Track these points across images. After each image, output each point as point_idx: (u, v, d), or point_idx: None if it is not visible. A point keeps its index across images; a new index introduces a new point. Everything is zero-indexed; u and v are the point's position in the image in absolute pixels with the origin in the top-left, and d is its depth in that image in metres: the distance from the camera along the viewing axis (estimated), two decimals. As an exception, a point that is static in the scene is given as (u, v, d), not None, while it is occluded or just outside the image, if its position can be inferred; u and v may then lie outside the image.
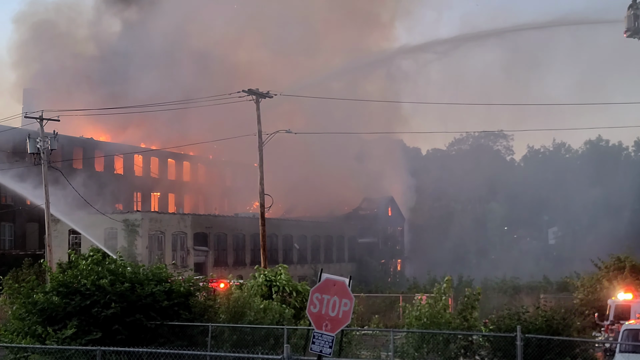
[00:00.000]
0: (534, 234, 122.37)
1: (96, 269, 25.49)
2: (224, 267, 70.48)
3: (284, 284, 30.20)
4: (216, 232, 74.38)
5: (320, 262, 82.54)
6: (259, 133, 44.13)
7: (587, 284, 40.66)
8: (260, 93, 43.75)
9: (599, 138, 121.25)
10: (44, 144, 46.35)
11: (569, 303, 39.55)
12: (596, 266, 43.11)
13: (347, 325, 17.83)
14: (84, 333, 23.75)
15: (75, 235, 64.67)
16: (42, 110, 47.76)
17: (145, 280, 25.34)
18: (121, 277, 25.12)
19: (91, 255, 26.88)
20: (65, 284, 24.92)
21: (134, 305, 24.51)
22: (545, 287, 53.52)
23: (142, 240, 64.00)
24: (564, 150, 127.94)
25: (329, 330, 16.69)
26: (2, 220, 70.08)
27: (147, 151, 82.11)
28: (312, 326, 17.18)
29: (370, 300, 48.55)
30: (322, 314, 16.71)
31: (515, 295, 49.32)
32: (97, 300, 24.30)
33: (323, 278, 17.31)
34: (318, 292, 16.92)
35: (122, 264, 26.35)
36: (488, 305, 41.20)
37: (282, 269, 31.25)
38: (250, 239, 76.15)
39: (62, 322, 24.08)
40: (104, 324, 24.07)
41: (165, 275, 26.12)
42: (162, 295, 24.98)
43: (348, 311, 16.70)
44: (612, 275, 39.22)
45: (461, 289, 38.42)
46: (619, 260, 40.67)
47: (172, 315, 25.06)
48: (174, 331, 24.81)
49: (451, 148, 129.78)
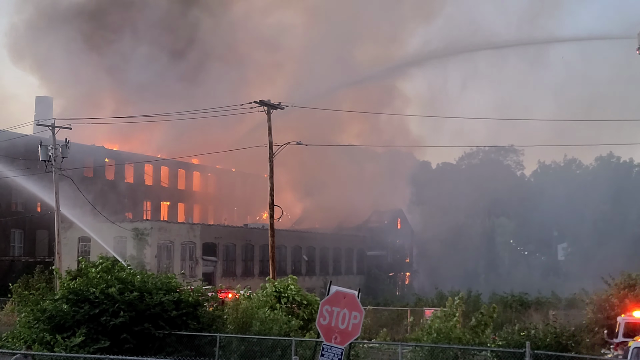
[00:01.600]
0: (543, 249, 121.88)
1: (105, 277, 25.52)
2: (233, 278, 70.44)
3: (294, 295, 30.17)
4: (225, 242, 74.36)
5: (328, 274, 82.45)
6: (269, 144, 44.11)
7: (597, 301, 40.42)
8: (272, 104, 43.76)
9: (610, 154, 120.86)
10: (55, 151, 46.52)
11: (578, 320, 39.32)
12: (606, 283, 42.86)
13: (355, 337, 17.78)
14: (93, 341, 23.78)
15: (85, 243, 64.79)
16: (54, 117, 47.98)
17: (154, 289, 25.34)
18: (130, 286, 25.13)
19: (101, 263, 26.92)
20: (75, 292, 24.95)
21: (142, 315, 24.50)
22: (554, 303, 53.19)
23: (151, 249, 64.05)
24: (574, 166, 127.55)
25: (338, 343, 16.66)
26: (12, 227, 70.22)
27: (157, 160, 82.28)
28: (320, 338, 17.14)
29: (378, 313, 48.41)
30: (332, 326, 16.68)
31: (524, 311, 49.03)
32: (106, 309, 24.31)
33: (332, 290, 17.29)
34: (328, 305, 16.89)
35: (131, 272, 26.37)
36: (496, 321, 40.99)
37: (291, 280, 31.21)
38: (259, 249, 76.10)
39: (71, 330, 24.11)
40: (113, 332, 24.08)
41: (175, 285, 26.12)
42: (170, 304, 24.98)
43: (358, 324, 16.67)
44: (623, 293, 38.97)
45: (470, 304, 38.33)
46: (630, 277, 40.42)
47: (180, 325, 25.04)
48: (182, 341, 24.78)
49: (461, 162, 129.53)
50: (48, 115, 64.78)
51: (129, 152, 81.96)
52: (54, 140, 47.01)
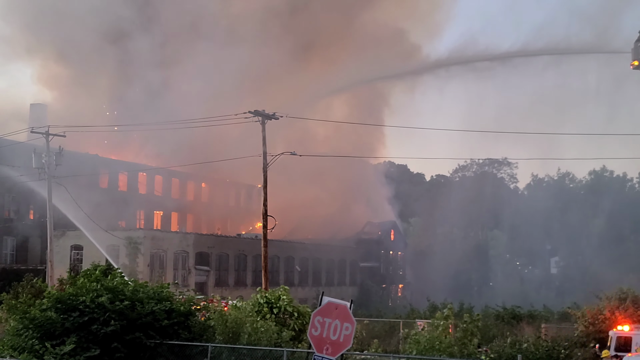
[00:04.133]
0: (536, 262, 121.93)
1: (94, 286, 25.41)
2: (225, 288, 70.28)
3: (285, 305, 30.03)
4: (218, 252, 74.22)
5: (321, 285, 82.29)
6: (264, 154, 44.06)
7: (589, 315, 40.40)
8: (267, 114, 43.73)
9: (604, 169, 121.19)
10: (49, 159, 46.45)
11: (570, 333, 39.30)
12: (598, 297, 42.85)
13: (347, 349, 17.74)
14: (83, 350, 23.69)
15: (77, 252, 64.62)
16: (48, 125, 47.92)
17: (146, 298, 25.28)
18: (121, 295, 25.05)
19: (91, 273, 26.82)
20: (62, 301, 24.86)
21: (133, 324, 24.43)
22: (546, 316, 53.13)
23: (143, 258, 63.89)
24: (568, 180, 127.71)
25: (329, 354, 16.63)
26: (4, 234, 69.95)
27: (151, 169, 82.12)
28: (312, 349, 17.10)
29: (370, 325, 48.28)
30: (324, 337, 16.65)
31: (516, 324, 48.97)
32: (97, 318, 24.23)
33: (324, 301, 17.26)
34: (320, 315, 16.86)
35: (122, 282, 26.28)
36: (489, 334, 40.96)
37: (283, 291, 31.07)
38: (252, 259, 75.98)
39: (60, 338, 24.02)
40: (103, 341, 24.00)
41: (166, 294, 26.05)
42: (162, 314, 24.92)
43: (349, 335, 16.64)
44: (614, 306, 38.95)
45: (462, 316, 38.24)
46: (622, 291, 40.41)
47: (171, 334, 24.98)
48: (173, 350, 24.72)
49: (455, 175, 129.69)
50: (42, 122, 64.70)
51: (123, 161, 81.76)
52: (47, 147, 46.92)
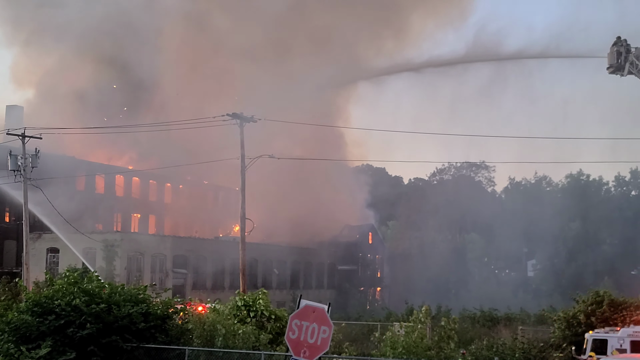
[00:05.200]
0: (513, 266, 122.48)
1: (71, 289, 25.24)
2: (203, 291, 70.02)
3: (262, 309, 29.98)
4: (196, 255, 73.96)
5: (299, 288, 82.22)
6: (242, 157, 44.05)
7: (565, 318, 40.64)
8: (245, 117, 43.74)
9: (580, 172, 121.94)
10: (25, 161, 46.07)
11: (546, 336, 39.54)
12: (574, 300, 43.14)
13: (324, 352, 17.72)
14: (59, 353, 23.54)
15: (54, 254, 64.17)
16: (24, 127, 47.53)
17: (122, 301, 25.14)
18: (97, 298, 24.90)
19: (68, 276, 26.63)
20: (39, 304, 24.69)
21: (110, 327, 24.29)
22: (523, 319, 53.47)
23: (120, 261, 63.53)
24: (545, 184, 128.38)
25: (307, 357, 16.59)
26: (-20, 237, 69.42)
27: (128, 172, 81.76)
28: (289, 352, 17.07)
29: (349, 328, 48.32)
30: (301, 340, 16.61)
31: (493, 326, 49.23)
32: (73, 321, 24.07)
33: (302, 304, 17.22)
34: (297, 319, 16.82)
35: (99, 285, 26.13)
36: (466, 336, 41.12)
37: (261, 294, 31.03)
38: (230, 262, 75.71)
39: (36, 342, 23.84)
40: (79, 344, 23.84)
41: (144, 297, 25.93)
42: (139, 317, 24.79)
43: (327, 338, 16.60)
44: (590, 309, 39.23)
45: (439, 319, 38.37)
46: (597, 294, 40.71)
47: (148, 337, 24.86)
48: (150, 354, 24.61)
49: (433, 178, 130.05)
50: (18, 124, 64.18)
51: (100, 163, 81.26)
52: (23, 150, 46.54)
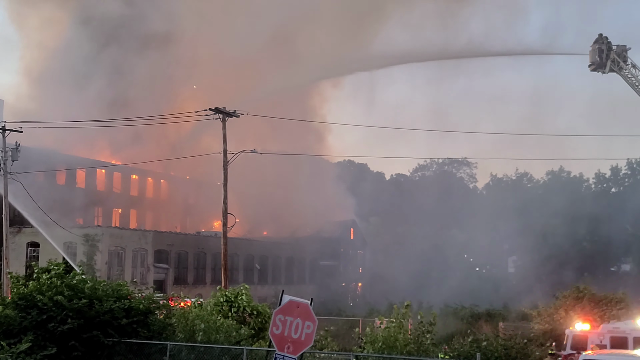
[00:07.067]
0: (494, 262, 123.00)
1: (56, 283, 25.14)
2: (184, 286, 69.80)
3: (245, 305, 29.95)
4: (177, 249, 73.75)
5: (281, 283, 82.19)
6: (224, 152, 43.93)
7: (545, 314, 40.93)
8: (227, 112, 43.61)
9: (561, 169, 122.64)
10: (4, 155, 45.78)
11: (527, 332, 39.78)
12: (554, 296, 43.45)
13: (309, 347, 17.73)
14: (40, 348, 23.41)
15: (34, 249, 63.75)
16: (4, 120, 47.21)
17: (104, 296, 25.04)
18: (80, 293, 24.79)
19: (53, 269, 26.46)
20: (25, 297, 24.60)
21: (91, 322, 24.19)
22: (504, 315, 53.77)
23: (101, 256, 63.26)
24: (526, 180, 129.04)
25: (291, 353, 16.61)
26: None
27: (110, 166, 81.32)
28: (272, 347, 17.08)
29: (331, 323, 48.35)
30: (285, 335, 16.63)
31: (474, 322, 49.47)
32: (54, 316, 23.94)
33: (285, 299, 17.24)
34: (281, 314, 16.83)
35: (83, 280, 26.02)
36: (447, 332, 41.29)
37: (243, 290, 30.99)
38: (211, 257, 75.62)
39: (18, 337, 23.72)
40: (60, 339, 23.72)
41: (125, 292, 25.84)
42: (120, 312, 24.70)
43: (311, 333, 16.63)
44: (570, 305, 39.54)
45: (419, 315, 38.45)
46: (578, 290, 41.05)
47: (130, 332, 24.77)
48: (131, 349, 24.51)
49: (414, 174, 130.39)
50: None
51: (81, 157, 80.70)
52: (3, 143, 46.25)
